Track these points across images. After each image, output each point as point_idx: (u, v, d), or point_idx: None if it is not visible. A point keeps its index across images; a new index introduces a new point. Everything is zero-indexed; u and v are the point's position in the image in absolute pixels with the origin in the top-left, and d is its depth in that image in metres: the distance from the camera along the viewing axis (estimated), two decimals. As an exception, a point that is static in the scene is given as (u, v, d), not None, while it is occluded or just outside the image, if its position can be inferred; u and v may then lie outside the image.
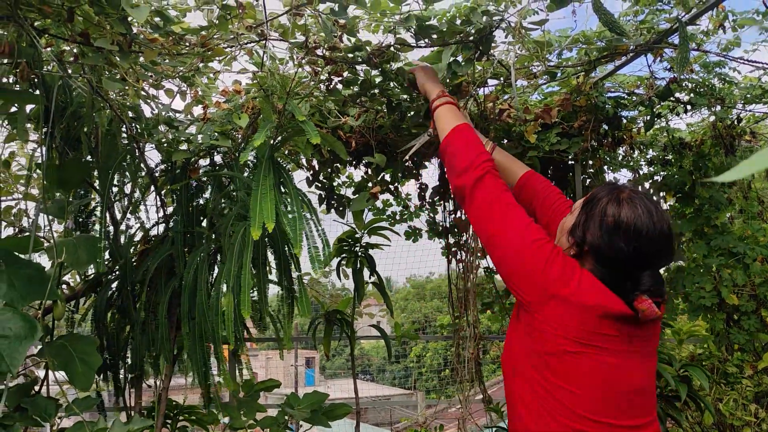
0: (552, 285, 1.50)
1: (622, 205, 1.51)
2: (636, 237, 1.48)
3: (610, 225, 1.51)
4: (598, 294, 1.49)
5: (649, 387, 1.56)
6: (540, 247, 1.55)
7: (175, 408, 3.10)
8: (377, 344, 24.72)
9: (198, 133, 2.90)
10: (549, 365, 1.51)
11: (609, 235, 1.50)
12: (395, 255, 5.51)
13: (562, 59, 2.93)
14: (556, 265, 1.52)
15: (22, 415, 2.38)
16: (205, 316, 2.45)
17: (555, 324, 1.49)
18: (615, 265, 1.52)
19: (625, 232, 1.49)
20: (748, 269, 3.64)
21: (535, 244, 1.56)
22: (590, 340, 1.47)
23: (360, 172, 3.75)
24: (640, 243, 1.48)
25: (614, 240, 1.50)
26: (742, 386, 3.49)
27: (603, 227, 1.52)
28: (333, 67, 2.30)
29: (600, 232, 1.52)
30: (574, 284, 1.50)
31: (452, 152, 1.81)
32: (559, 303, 1.49)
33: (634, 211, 1.49)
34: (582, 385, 1.48)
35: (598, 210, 1.53)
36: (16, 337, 1.94)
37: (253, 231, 1.87)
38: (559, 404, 1.48)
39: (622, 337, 1.49)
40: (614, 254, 1.50)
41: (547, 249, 1.55)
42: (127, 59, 2.13)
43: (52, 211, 2.74)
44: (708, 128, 3.97)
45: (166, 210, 3.07)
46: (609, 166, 4.06)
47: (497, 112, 3.14)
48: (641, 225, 1.48)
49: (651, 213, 1.50)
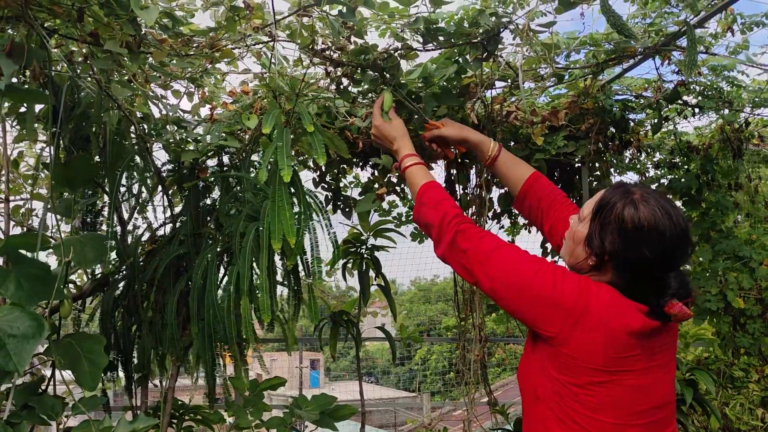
0: (574, 303, 1.44)
1: (639, 208, 1.43)
2: (659, 240, 1.42)
3: (629, 230, 1.43)
4: (619, 311, 1.44)
5: (672, 398, 1.51)
6: (543, 273, 1.49)
7: (181, 408, 3.11)
8: (382, 346, 24.70)
9: (206, 134, 2.91)
10: (577, 396, 1.45)
11: (630, 241, 1.43)
12: (401, 258, 5.51)
13: (569, 61, 2.93)
14: (568, 283, 1.47)
15: (29, 413, 2.39)
16: (215, 318, 2.46)
17: (581, 355, 1.43)
18: (639, 271, 1.46)
19: (648, 236, 1.42)
20: (754, 273, 3.63)
21: (538, 275, 1.49)
22: (617, 366, 1.43)
23: (367, 173, 3.76)
24: (663, 245, 1.43)
25: (637, 245, 1.43)
26: (748, 390, 3.47)
27: (623, 234, 1.44)
28: (343, 69, 2.30)
29: (620, 239, 1.45)
30: (594, 300, 1.44)
31: (424, 222, 1.80)
32: (584, 329, 1.43)
33: (654, 213, 1.42)
34: (610, 413, 1.44)
35: (614, 216, 1.46)
36: (23, 336, 1.95)
37: (274, 244, 1.91)
38: (585, 430, 1.45)
39: (645, 354, 1.45)
40: (638, 260, 1.44)
41: (549, 272, 1.49)
42: (136, 60, 2.14)
43: (60, 211, 2.76)
44: (716, 132, 3.96)
45: (173, 210, 3.08)
46: (616, 169, 4.05)
47: (504, 115, 3.14)
48: (663, 227, 1.42)
49: (669, 213, 1.44)
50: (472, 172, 3.72)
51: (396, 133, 2.01)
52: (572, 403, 1.46)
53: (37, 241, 2.39)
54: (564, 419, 1.47)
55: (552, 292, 1.46)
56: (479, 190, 3.50)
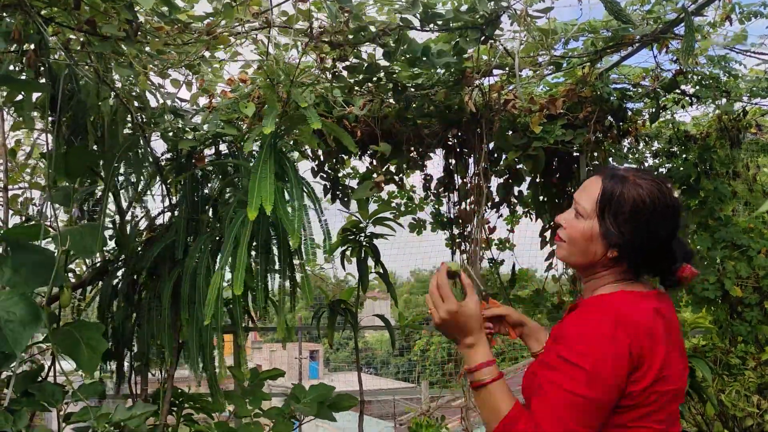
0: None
1: (643, 188, 1.43)
2: (671, 213, 1.44)
3: (644, 213, 1.43)
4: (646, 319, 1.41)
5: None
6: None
7: (181, 396, 3.12)
8: (381, 337, 24.74)
9: (204, 123, 2.91)
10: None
11: (647, 224, 1.43)
12: (399, 249, 5.52)
13: (567, 49, 2.93)
14: (618, 361, 1.34)
15: (30, 400, 2.40)
16: (201, 302, 2.45)
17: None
18: (655, 249, 1.46)
19: (660, 213, 1.43)
20: (752, 261, 3.64)
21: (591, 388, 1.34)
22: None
23: (365, 162, 3.76)
24: (674, 216, 1.45)
25: (654, 225, 1.43)
26: (744, 378, 3.49)
27: (638, 218, 1.43)
28: (338, 51, 2.30)
29: (637, 224, 1.44)
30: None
31: None
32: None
33: (655, 189, 1.43)
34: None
35: (627, 205, 1.43)
36: (20, 321, 1.96)
37: (250, 212, 1.87)
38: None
39: (665, 334, 1.42)
40: (655, 239, 1.45)
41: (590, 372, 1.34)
42: (133, 46, 2.14)
43: (58, 200, 2.76)
44: (713, 121, 3.96)
45: (171, 199, 3.09)
46: (614, 158, 4.05)
47: (502, 103, 3.14)
48: (668, 199, 1.44)
49: (662, 184, 1.45)
50: (470, 161, 3.73)
51: (475, 325, 1.54)
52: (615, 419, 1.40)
53: (37, 230, 2.40)
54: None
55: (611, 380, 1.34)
56: (477, 179, 3.50)
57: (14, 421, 2.28)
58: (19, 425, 2.29)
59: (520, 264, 4.30)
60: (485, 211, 3.69)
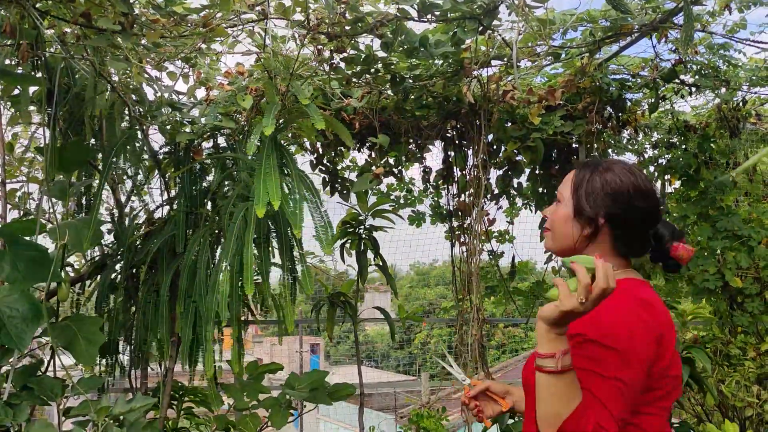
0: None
1: (615, 171, 1.48)
2: (643, 193, 1.47)
3: (614, 188, 1.47)
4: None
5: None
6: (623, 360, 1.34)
7: (181, 389, 3.12)
8: (382, 330, 24.76)
9: (201, 116, 2.90)
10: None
11: (618, 197, 1.46)
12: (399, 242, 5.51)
13: (566, 40, 2.92)
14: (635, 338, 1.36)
15: (29, 394, 2.40)
16: (202, 296, 2.45)
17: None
18: (633, 223, 1.48)
19: (633, 191, 1.46)
20: (752, 252, 3.63)
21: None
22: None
23: (364, 155, 3.75)
24: (648, 197, 1.47)
25: (625, 199, 1.46)
26: (744, 368, 3.49)
27: (609, 194, 1.47)
28: (336, 43, 2.29)
29: (608, 199, 1.47)
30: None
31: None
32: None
33: (626, 172, 1.48)
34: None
35: (597, 183, 1.48)
36: (23, 317, 1.96)
37: (258, 209, 1.87)
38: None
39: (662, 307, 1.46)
40: (630, 213, 1.47)
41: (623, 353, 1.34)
42: (129, 39, 2.13)
43: (55, 193, 2.75)
44: (713, 111, 3.95)
45: (170, 193, 3.08)
46: (613, 149, 4.04)
47: (501, 94, 3.13)
48: (640, 181, 1.48)
49: (632, 170, 1.49)
50: (469, 153, 3.72)
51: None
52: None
53: (33, 225, 2.40)
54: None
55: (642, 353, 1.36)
56: (477, 170, 3.50)
57: (14, 414, 2.28)
58: (19, 419, 2.29)
59: (520, 256, 4.30)
60: (484, 203, 3.68)
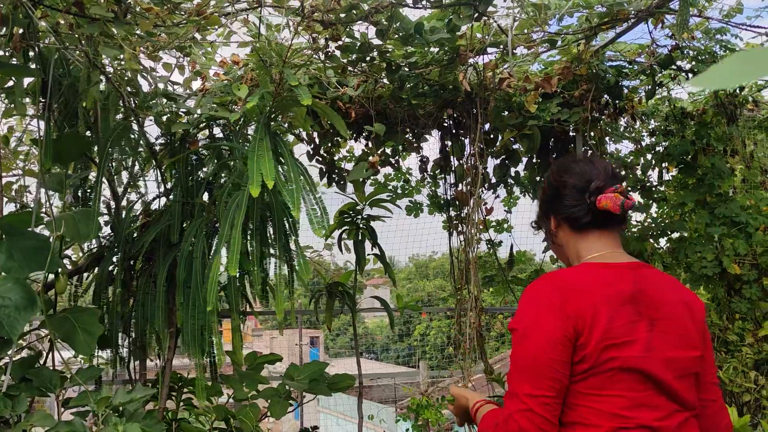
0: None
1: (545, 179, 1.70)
2: (561, 172, 1.61)
3: (544, 190, 1.67)
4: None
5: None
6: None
7: (180, 380, 3.12)
8: (381, 323, 24.81)
9: (197, 106, 2.89)
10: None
11: (549, 192, 1.64)
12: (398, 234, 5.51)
13: (562, 26, 2.91)
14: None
15: (28, 385, 2.40)
16: (198, 285, 2.44)
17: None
18: (568, 204, 1.59)
19: (555, 177, 1.62)
20: (750, 238, 3.63)
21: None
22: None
23: (361, 145, 3.75)
24: (567, 173, 1.60)
25: (553, 188, 1.62)
26: (742, 354, 3.50)
27: (542, 197, 1.68)
28: (330, 31, 2.27)
29: (544, 201, 1.67)
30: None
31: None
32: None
33: (553, 167, 1.67)
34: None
35: (541, 191, 1.70)
36: (15, 306, 1.95)
37: (252, 189, 1.86)
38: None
39: (621, 300, 1.48)
40: (559, 194, 1.60)
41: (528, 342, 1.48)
42: (122, 27, 2.11)
43: (51, 186, 2.74)
44: (710, 97, 3.94)
45: (166, 184, 3.07)
46: (611, 137, 4.04)
47: (497, 82, 3.12)
48: (562, 164, 1.64)
49: (557, 163, 1.66)
50: (466, 142, 3.71)
51: (468, 395, 1.77)
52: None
53: (29, 217, 2.39)
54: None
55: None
56: (474, 159, 3.49)
57: (13, 406, 2.29)
58: (18, 410, 2.30)
59: (518, 246, 4.30)
60: (482, 192, 3.68)
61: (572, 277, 1.49)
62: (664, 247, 3.97)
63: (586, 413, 1.40)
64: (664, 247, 3.97)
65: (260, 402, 3.08)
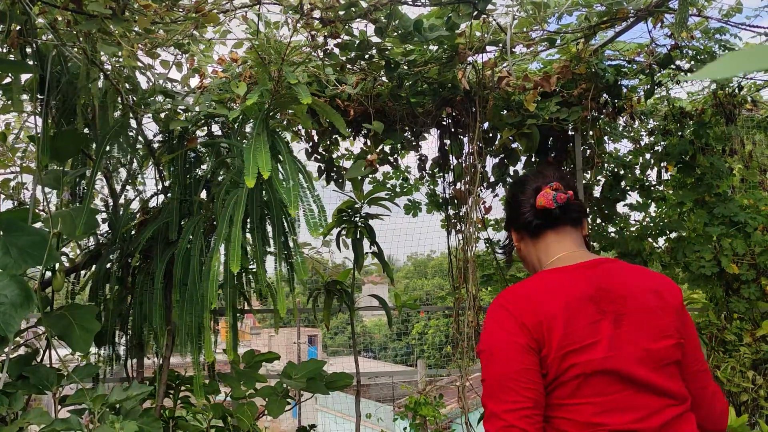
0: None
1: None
2: (513, 184, 1.72)
3: (505, 202, 1.74)
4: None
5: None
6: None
7: (177, 378, 3.12)
8: (379, 321, 24.81)
9: (195, 104, 2.88)
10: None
11: (507, 204, 1.71)
12: (396, 233, 5.51)
13: (561, 25, 2.90)
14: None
15: (24, 383, 2.40)
16: (195, 283, 2.44)
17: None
18: (515, 210, 1.65)
19: (510, 192, 1.71)
20: (749, 238, 3.63)
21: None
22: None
23: (360, 143, 3.74)
24: (517, 184, 1.69)
25: (509, 200, 1.69)
26: (740, 354, 3.50)
27: (505, 208, 1.74)
28: (329, 28, 2.27)
29: (507, 209, 1.72)
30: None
31: None
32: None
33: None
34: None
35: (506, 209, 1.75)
36: (11, 303, 1.95)
37: (248, 181, 1.86)
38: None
39: (580, 301, 1.50)
40: (510, 204, 1.68)
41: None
42: (120, 24, 2.11)
43: (48, 182, 2.74)
44: (709, 97, 3.94)
45: (164, 182, 3.06)
46: (609, 136, 4.03)
47: (496, 80, 3.11)
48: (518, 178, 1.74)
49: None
50: (465, 141, 3.70)
51: None
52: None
53: (26, 213, 2.38)
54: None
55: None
56: (472, 158, 3.48)
57: (10, 403, 2.28)
58: (15, 407, 2.29)
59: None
60: (481, 191, 3.67)
61: (525, 288, 1.49)
62: (663, 246, 3.98)
63: (561, 425, 1.39)
64: (662, 247, 3.97)
65: (258, 401, 3.08)
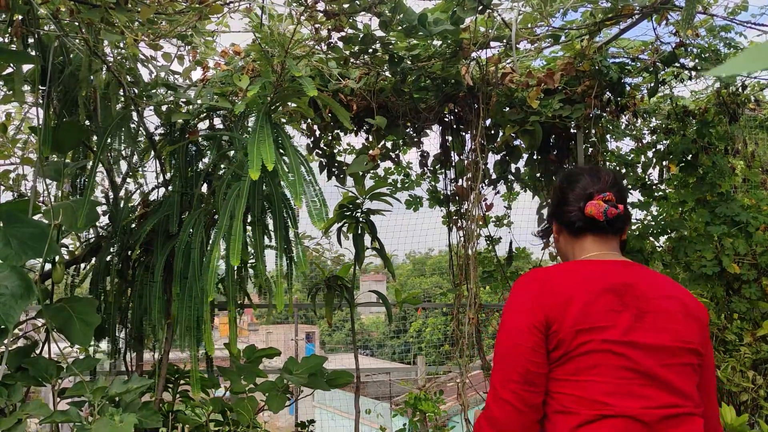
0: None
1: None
2: (563, 180, 1.70)
3: (553, 192, 1.74)
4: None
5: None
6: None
7: (176, 372, 3.11)
8: (377, 319, 24.81)
9: (197, 96, 2.87)
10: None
11: (554, 198, 1.72)
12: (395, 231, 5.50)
13: (566, 21, 2.89)
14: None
15: (23, 374, 2.39)
16: (195, 276, 2.42)
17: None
18: (564, 211, 1.65)
19: (559, 185, 1.71)
20: (750, 238, 3.62)
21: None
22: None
23: (361, 138, 3.73)
24: (568, 180, 1.68)
25: (557, 194, 1.70)
26: (740, 354, 3.49)
27: (552, 197, 1.75)
28: (333, 21, 2.25)
29: (553, 200, 1.72)
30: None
31: None
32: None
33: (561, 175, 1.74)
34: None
35: (550, 197, 1.76)
36: (11, 294, 1.93)
37: (252, 173, 1.85)
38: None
39: (598, 290, 1.54)
40: (558, 202, 1.68)
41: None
42: (123, 14, 2.09)
43: (49, 174, 2.72)
44: (712, 96, 3.93)
45: (165, 174, 3.05)
46: (612, 134, 4.02)
47: (500, 76, 3.10)
48: (568, 172, 1.72)
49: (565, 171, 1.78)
50: (467, 137, 3.69)
51: None
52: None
53: (26, 205, 2.37)
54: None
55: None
56: (474, 155, 3.47)
57: (8, 395, 2.27)
58: (14, 399, 2.28)
59: (517, 242, 4.29)
60: (482, 187, 3.66)
61: (557, 270, 1.56)
62: (664, 245, 3.97)
63: (565, 401, 1.43)
64: (663, 246, 3.96)
65: (257, 396, 3.07)
